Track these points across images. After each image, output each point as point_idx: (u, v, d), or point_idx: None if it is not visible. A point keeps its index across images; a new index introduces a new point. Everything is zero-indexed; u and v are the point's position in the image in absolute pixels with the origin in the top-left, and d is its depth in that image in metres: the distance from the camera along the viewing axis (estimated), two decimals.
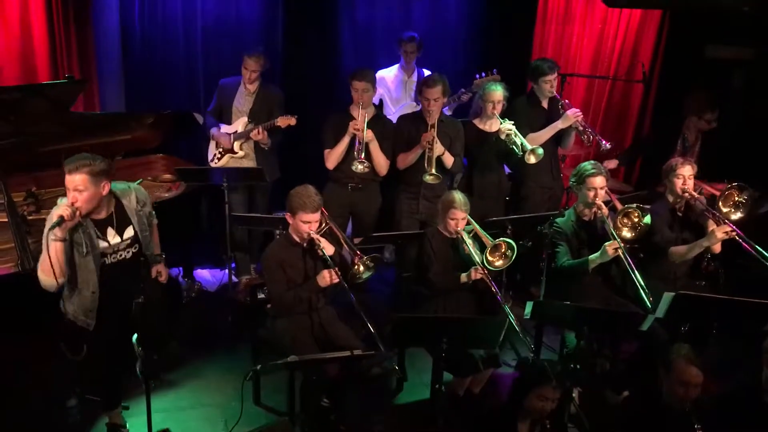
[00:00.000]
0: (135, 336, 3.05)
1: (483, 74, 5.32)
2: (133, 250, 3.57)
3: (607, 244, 3.99)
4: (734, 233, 3.99)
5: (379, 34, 6.50)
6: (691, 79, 5.68)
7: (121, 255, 3.52)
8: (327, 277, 3.73)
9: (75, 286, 3.41)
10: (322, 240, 3.76)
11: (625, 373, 4.27)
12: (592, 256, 4.07)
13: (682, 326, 3.72)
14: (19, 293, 3.69)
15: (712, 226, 4.12)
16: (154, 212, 3.78)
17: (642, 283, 3.86)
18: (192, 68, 6.12)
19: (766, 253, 3.86)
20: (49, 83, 4.97)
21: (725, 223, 4.06)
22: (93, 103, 5.63)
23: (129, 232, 3.52)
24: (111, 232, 3.45)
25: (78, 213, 3.22)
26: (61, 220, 3.13)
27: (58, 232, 3.14)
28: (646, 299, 3.82)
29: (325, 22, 6.37)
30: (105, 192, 3.33)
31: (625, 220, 4.14)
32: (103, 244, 3.42)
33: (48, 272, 3.17)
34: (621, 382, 4.23)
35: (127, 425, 3.85)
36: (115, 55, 5.86)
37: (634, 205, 4.14)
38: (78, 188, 3.21)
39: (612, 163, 5.42)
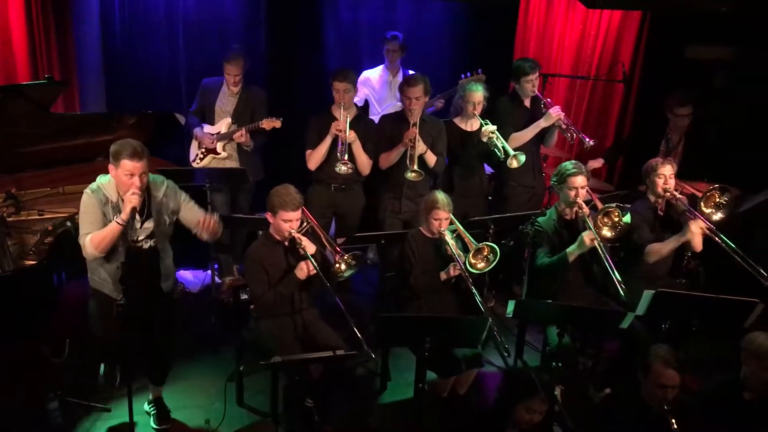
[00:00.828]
0: None
1: (468, 74, 5.34)
2: (151, 243, 3.65)
3: (584, 233, 4.01)
4: (708, 229, 4.04)
5: (364, 35, 6.50)
6: (672, 80, 5.72)
7: (140, 243, 3.60)
8: (304, 269, 3.73)
9: (106, 257, 3.53)
10: (304, 239, 3.75)
11: (607, 371, 4.31)
12: (569, 248, 4.08)
13: (662, 324, 3.76)
14: None
15: None
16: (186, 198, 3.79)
17: (619, 278, 3.89)
18: (174, 67, 6.08)
19: (735, 248, 3.92)
20: (28, 84, 4.91)
21: (701, 218, 4.10)
22: (73, 103, 5.56)
23: (148, 224, 3.60)
24: (136, 217, 3.54)
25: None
26: (134, 210, 3.37)
27: (125, 217, 3.36)
28: (621, 293, 3.85)
29: (309, 21, 6.35)
30: None
31: (606, 219, 4.15)
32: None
33: (97, 246, 3.42)
34: (603, 379, 4.27)
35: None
36: (96, 55, 5.81)
37: (614, 204, 4.17)
38: (144, 171, 3.44)
39: (597, 162, 5.46)
